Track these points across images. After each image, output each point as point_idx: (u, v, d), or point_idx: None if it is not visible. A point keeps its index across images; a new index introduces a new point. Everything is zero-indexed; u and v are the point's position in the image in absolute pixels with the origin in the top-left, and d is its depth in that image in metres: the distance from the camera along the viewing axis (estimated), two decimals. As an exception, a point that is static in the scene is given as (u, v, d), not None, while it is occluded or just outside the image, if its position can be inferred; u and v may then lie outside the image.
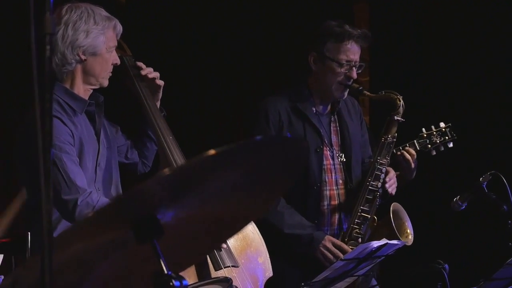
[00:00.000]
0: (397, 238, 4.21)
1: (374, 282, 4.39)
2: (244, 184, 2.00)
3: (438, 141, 4.53)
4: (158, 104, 3.74)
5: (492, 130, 5.87)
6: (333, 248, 4.17)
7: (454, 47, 6.14)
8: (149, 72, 3.69)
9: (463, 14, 6.11)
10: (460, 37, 6.12)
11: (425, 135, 4.53)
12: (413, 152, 4.40)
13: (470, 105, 6.04)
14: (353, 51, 4.24)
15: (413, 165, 4.39)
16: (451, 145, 4.58)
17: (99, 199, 3.30)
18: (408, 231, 4.37)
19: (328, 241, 4.20)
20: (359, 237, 4.24)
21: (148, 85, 3.68)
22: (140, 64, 3.71)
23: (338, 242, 4.21)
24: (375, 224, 4.34)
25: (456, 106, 6.06)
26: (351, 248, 4.14)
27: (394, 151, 4.35)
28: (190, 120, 6.21)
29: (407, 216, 4.40)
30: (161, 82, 3.71)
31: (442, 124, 4.58)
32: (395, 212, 4.34)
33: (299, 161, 2.10)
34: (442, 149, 4.56)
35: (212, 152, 1.75)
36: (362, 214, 4.26)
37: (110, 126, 3.72)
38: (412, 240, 4.35)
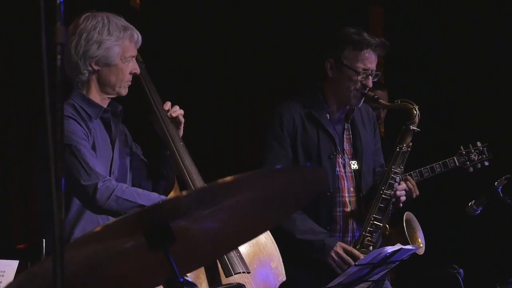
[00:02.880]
0: None
1: (389, 286, 4.38)
2: (261, 201, 2.01)
3: (476, 159, 4.68)
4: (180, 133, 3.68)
5: (507, 134, 5.84)
6: (344, 255, 4.15)
7: (469, 50, 6.12)
8: (173, 111, 3.62)
9: (476, 18, 6.09)
10: (475, 41, 6.11)
11: (463, 152, 4.66)
12: (413, 183, 4.42)
13: (485, 109, 6.02)
14: (370, 60, 4.21)
15: (414, 195, 4.40)
16: (487, 163, 4.70)
17: (118, 185, 3.29)
18: (420, 240, 4.37)
19: (340, 247, 4.18)
20: (370, 245, 4.23)
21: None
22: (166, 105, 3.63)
23: (349, 248, 4.19)
24: (387, 232, 4.33)
25: (469, 109, 6.04)
26: (363, 256, 4.12)
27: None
28: (203, 126, 6.22)
29: (419, 226, 4.40)
30: (182, 119, 3.64)
31: (479, 143, 4.70)
32: (408, 221, 4.33)
33: (317, 184, 2.11)
34: (479, 166, 4.68)
35: (229, 179, 1.77)
36: (375, 222, 4.24)
37: (133, 144, 3.71)
38: (423, 250, 4.34)
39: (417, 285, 4.83)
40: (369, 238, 4.23)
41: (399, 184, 4.26)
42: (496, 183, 4.36)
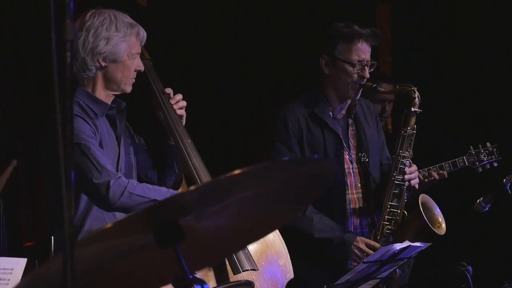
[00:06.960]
0: (430, 229, 4.20)
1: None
2: (270, 196, 2.00)
3: (485, 159, 4.72)
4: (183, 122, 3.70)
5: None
6: (367, 249, 4.14)
7: (477, 48, 6.11)
8: (176, 106, 3.65)
9: (484, 14, 6.08)
10: (484, 38, 6.09)
11: (473, 152, 4.70)
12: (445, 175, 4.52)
13: (493, 104, 6.00)
14: (364, 51, 4.23)
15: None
16: (496, 164, 4.73)
17: (129, 181, 3.30)
18: (440, 219, 4.32)
19: (361, 242, 4.16)
20: (390, 233, 4.22)
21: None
22: (168, 90, 3.66)
23: (372, 242, 4.18)
24: (406, 218, 4.30)
25: (477, 104, 6.02)
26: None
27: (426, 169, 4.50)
28: (210, 124, 6.23)
29: (436, 206, 4.37)
30: (182, 112, 3.67)
31: (488, 144, 4.73)
32: (424, 204, 4.29)
33: (326, 177, 2.10)
34: (488, 167, 4.72)
35: (236, 172, 1.77)
36: (392, 209, 4.23)
37: (135, 136, 3.72)
38: (445, 229, 4.31)
39: (426, 282, 4.82)
40: (388, 226, 4.23)
41: (409, 167, 4.26)
42: (504, 180, 4.37)
